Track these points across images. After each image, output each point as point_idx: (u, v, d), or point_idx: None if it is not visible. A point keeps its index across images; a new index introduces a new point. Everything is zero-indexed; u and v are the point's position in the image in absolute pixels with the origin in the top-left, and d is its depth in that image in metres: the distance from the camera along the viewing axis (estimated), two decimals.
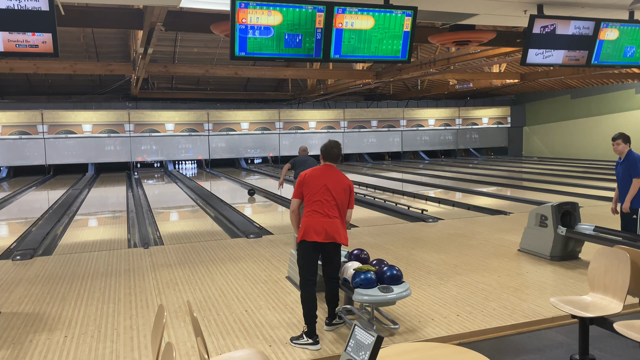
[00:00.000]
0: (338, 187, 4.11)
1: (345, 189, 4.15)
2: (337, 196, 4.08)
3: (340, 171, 4.23)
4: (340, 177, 4.18)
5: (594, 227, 6.16)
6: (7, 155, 19.55)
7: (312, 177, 4.12)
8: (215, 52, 18.11)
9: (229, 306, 4.86)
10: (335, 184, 4.11)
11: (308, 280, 4.08)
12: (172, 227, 9.32)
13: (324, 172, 4.16)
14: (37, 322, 4.55)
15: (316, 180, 4.10)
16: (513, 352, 3.93)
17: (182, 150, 21.91)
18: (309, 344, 3.91)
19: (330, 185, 4.08)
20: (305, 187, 4.12)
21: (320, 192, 4.07)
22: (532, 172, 17.46)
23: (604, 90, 21.34)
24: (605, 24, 6.43)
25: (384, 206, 10.59)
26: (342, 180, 4.16)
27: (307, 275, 4.09)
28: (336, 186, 4.10)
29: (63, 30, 12.17)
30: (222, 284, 5.55)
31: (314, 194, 4.07)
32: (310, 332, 3.95)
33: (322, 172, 4.16)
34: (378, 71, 14.91)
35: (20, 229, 9.33)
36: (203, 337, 2.65)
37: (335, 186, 4.10)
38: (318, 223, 4.01)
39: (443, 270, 5.91)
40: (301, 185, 4.15)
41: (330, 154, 4.23)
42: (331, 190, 4.07)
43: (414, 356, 2.76)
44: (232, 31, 5.00)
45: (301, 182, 4.15)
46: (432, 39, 7.79)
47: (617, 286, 3.64)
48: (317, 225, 4.00)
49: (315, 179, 4.11)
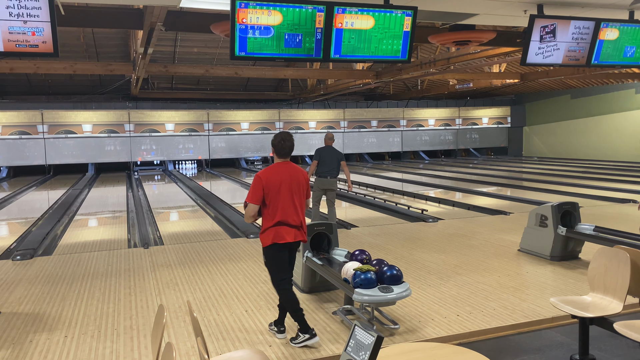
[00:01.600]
0: (297, 188, 4.03)
1: (303, 184, 4.07)
2: (297, 198, 4.02)
3: (295, 165, 4.12)
4: (297, 173, 4.06)
5: (594, 227, 6.16)
6: (7, 155, 19.55)
7: (271, 181, 3.95)
8: (215, 52, 18.11)
9: (229, 306, 4.86)
10: (296, 185, 4.02)
11: (282, 279, 4.03)
12: (172, 227, 9.32)
13: (280, 171, 4.01)
14: (37, 322, 4.55)
15: (276, 184, 3.95)
16: (513, 352, 3.93)
17: (182, 150, 21.92)
18: (308, 339, 3.90)
19: (294, 188, 3.99)
20: (265, 192, 3.94)
21: (282, 197, 3.94)
22: (532, 172, 17.46)
23: (604, 90, 21.34)
24: (605, 24, 6.43)
25: (384, 206, 10.58)
26: (298, 177, 4.05)
27: (282, 275, 4.04)
28: (297, 188, 4.02)
29: (63, 30, 12.17)
30: (222, 284, 5.55)
31: (276, 200, 3.93)
32: (304, 327, 3.93)
33: (279, 172, 4.00)
34: (378, 71, 14.91)
35: (20, 229, 9.33)
36: (203, 337, 2.65)
37: (296, 188, 4.02)
38: (287, 232, 3.96)
39: (443, 270, 5.91)
40: (261, 189, 3.94)
41: (284, 149, 4.04)
42: (294, 193, 3.97)
43: (414, 356, 2.76)
44: (232, 31, 5.00)
45: (261, 186, 3.94)
46: (432, 39, 7.79)
47: (617, 286, 3.64)
48: (285, 234, 3.96)
49: (274, 182, 3.96)
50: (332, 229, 5.32)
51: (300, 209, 4.05)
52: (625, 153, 20.60)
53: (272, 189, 3.94)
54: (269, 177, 3.96)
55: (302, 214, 4.08)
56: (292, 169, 4.06)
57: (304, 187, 4.08)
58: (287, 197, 3.97)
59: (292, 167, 4.09)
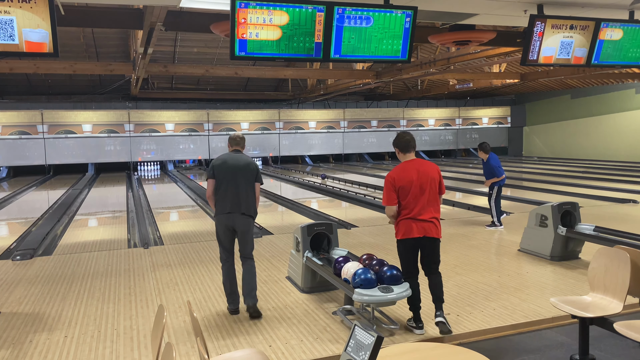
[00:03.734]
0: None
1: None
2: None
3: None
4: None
5: (594, 227, 6.16)
6: (7, 155, 19.55)
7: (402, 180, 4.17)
8: (215, 52, 18.11)
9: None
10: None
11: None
12: (172, 227, 9.31)
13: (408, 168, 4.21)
14: (37, 322, 4.55)
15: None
16: (513, 352, 3.93)
17: (182, 150, 21.91)
18: (415, 328, 4.21)
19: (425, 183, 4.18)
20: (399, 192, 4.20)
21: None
22: (532, 172, 17.46)
23: (604, 90, 21.33)
24: (605, 24, 6.42)
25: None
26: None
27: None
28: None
29: (63, 30, 12.16)
30: (222, 284, 5.54)
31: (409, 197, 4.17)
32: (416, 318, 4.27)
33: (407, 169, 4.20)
34: (378, 71, 14.91)
35: (20, 229, 9.33)
36: (203, 337, 2.64)
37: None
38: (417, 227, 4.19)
39: (443, 270, 5.86)
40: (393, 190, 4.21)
41: (407, 142, 4.27)
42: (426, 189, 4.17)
43: (414, 356, 2.76)
44: (232, 31, 5.00)
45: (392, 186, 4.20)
46: (432, 39, 7.79)
47: (617, 286, 3.63)
48: (415, 229, 4.22)
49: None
50: (332, 229, 5.32)
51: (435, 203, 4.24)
52: (625, 153, 20.60)
53: (404, 187, 4.11)
54: (400, 177, 4.13)
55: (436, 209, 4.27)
56: (422, 165, 4.21)
57: (436, 181, 4.23)
58: (418, 193, 4.12)
59: (422, 162, 4.24)
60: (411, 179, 4.11)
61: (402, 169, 4.16)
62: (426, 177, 4.15)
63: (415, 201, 4.12)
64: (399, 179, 4.12)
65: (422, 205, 4.14)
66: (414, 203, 4.12)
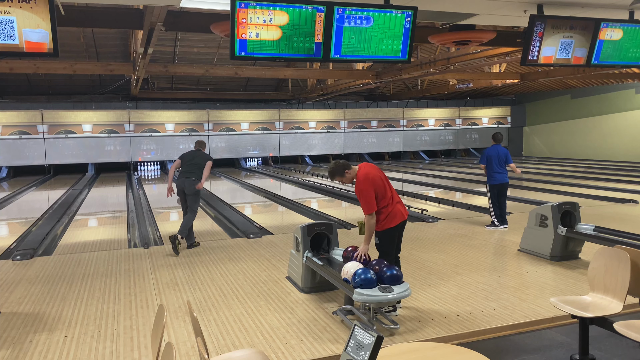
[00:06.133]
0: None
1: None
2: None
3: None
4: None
5: (594, 227, 6.16)
6: (7, 155, 19.54)
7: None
8: (215, 52, 18.12)
9: (229, 306, 4.86)
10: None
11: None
12: (172, 227, 9.30)
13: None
14: (37, 322, 4.55)
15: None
16: (513, 352, 3.93)
17: (183, 151, 21.89)
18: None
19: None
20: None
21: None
22: (532, 172, 17.46)
23: (604, 90, 21.33)
24: (605, 24, 6.42)
25: None
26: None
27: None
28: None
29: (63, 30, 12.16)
30: (222, 284, 5.55)
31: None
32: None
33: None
34: (378, 71, 14.91)
35: (20, 229, 9.33)
36: (203, 337, 2.65)
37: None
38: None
39: (443, 270, 5.91)
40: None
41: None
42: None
43: (414, 356, 2.76)
44: (232, 31, 5.00)
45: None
46: (432, 39, 7.79)
47: (617, 286, 3.64)
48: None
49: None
50: (332, 229, 5.32)
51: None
52: (625, 153, 20.60)
53: (376, 182, 4.55)
54: (372, 175, 4.56)
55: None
56: (366, 165, 4.70)
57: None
58: (385, 181, 4.65)
59: (363, 165, 4.73)
60: (376, 174, 4.57)
61: (365, 172, 4.54)
62: (377, 169, 4.68)
63: (388, 189, 4.62)
64: (372, 177, 4.52)
65: (393, 190, 4.68)
66: (390, 191, 4.63)
